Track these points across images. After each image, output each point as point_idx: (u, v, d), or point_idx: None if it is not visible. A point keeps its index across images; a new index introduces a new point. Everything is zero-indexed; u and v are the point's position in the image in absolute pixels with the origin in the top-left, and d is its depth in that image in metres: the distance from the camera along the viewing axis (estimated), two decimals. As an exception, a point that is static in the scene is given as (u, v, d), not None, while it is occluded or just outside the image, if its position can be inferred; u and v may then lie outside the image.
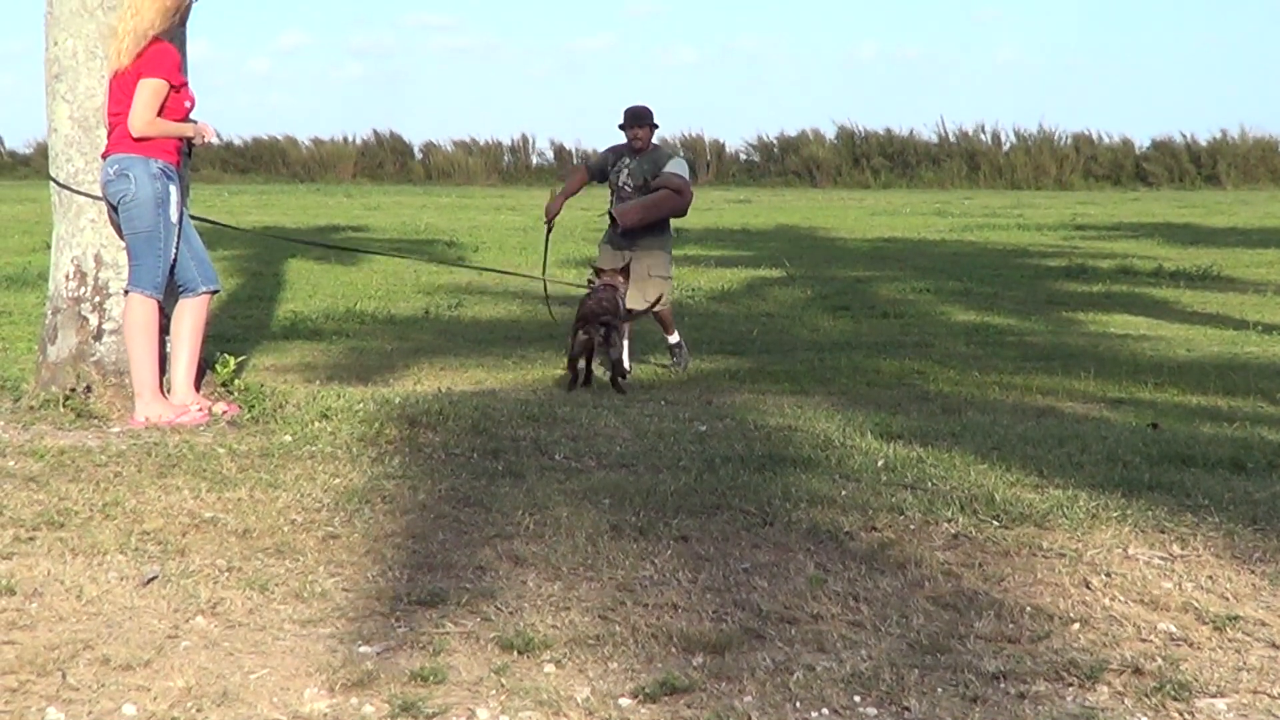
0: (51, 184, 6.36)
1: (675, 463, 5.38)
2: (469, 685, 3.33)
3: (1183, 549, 4.34)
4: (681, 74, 63.63)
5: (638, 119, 9.14)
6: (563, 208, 9.24)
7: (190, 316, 6.19)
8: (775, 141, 42.12)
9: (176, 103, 6.10)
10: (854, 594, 3.91)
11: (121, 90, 6.04)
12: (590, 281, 8.47)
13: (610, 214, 9.10)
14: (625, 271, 8.55)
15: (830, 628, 3.68)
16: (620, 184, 9.13)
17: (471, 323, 11.72)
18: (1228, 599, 3.93)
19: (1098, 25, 65.24)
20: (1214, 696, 3.31)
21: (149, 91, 5.99)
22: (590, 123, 64.14)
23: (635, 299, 8.78)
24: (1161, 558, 4.26)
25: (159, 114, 6.04)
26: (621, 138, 9.18)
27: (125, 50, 5.99)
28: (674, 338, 9.24)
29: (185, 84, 6.16)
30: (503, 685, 3.32)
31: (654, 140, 9.23)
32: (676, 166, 9.10)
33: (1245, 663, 3.51)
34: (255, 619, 3.72)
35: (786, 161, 41.44)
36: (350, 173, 41.58)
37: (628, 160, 9.14)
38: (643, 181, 9.04)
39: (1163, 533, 4.49)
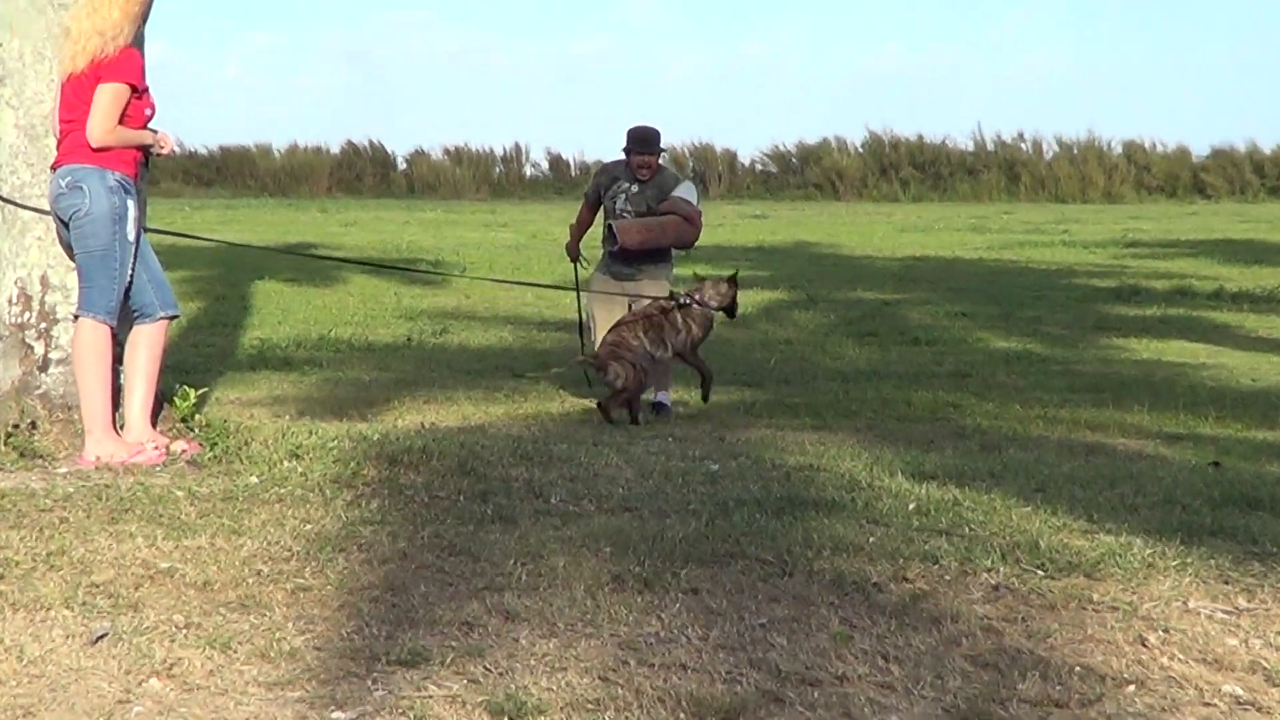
0: (-6, 198, 6.37)
1: (684, 506, 5.37)
2: (454, 755, 3.31)
3: (1249, 601, 4.32)
4: (688, 77, 63.86)
5: (644, 144, 8.84)
6: (580, 246, 9.22)
7: (146, 344, 6.19)
8: (793, 150, 42.26)
9: (137, 110, 6.12)
10: (883, 652, 3.90)
11: (76, 95, 6.05)
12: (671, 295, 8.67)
13: (607, 231, 8.92)
14: (730, 281, 8.66)
15: (857, 690, 3.67)
16: (618, 210, 8.89)
17: (458, 351, 11.73)
18: (1300, 658, 3.91)
19: (1150, 23, 65.46)
20: (1286, 767, 3.29)
21: (110, 97, 6.00)
22: (589, 131, 64.34)
23: None
24: (1225, 611, 4.24)
25: (119, 122, 6.05)
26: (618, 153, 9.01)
27: (83, 53, 6.00)
28: (664, 396, 8.81)
29: (147, 90, 6.17)
30: (492, 755, 3.30)
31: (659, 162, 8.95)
32: (686, 191, 8.84)
33: (1320, 729, 3.49)
34: (216, 681, 3.70)
35: (806, 173, 41.56)
36: (325, 185, 41.71)
37: (626, 184, 8.91)
38: (645, 209, 8.81)
39: (1227, 583, 4.47)
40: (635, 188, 8.86)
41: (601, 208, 9.16)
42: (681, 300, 8.51)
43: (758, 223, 29.27)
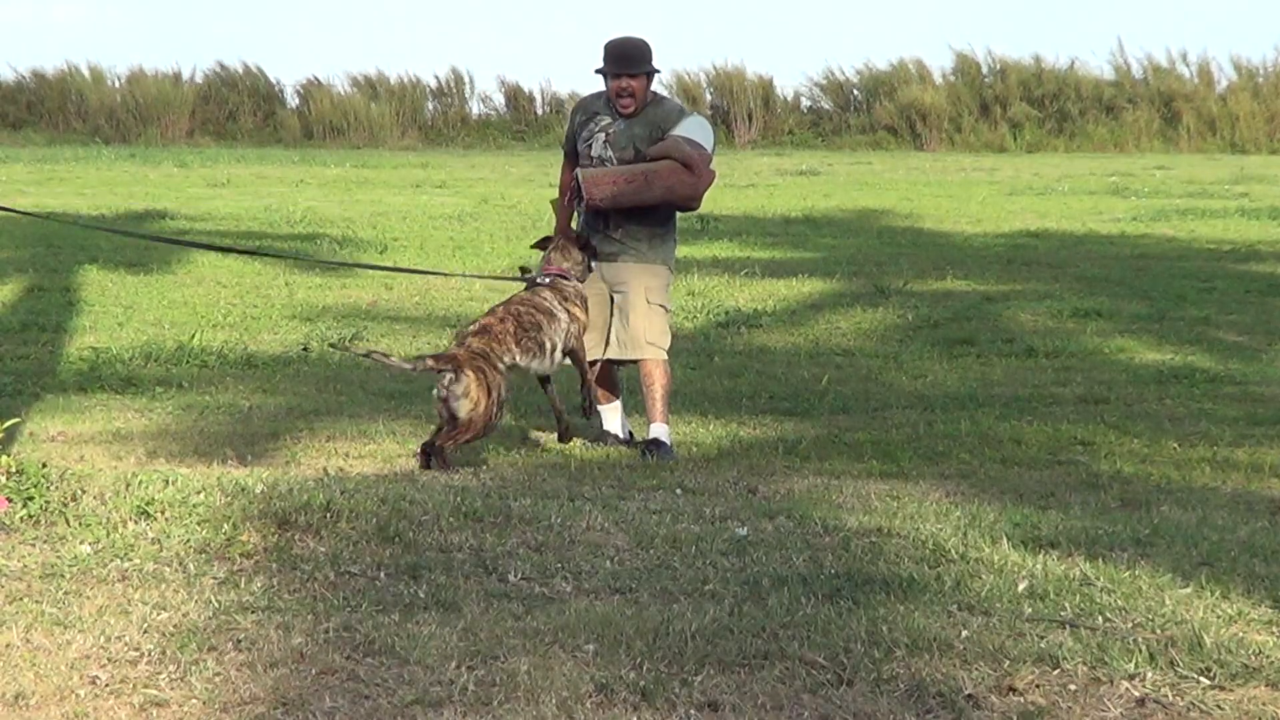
0: None
1: (698, 587, 5.39)
2: None
3: None
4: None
5: (626, 61, 8.77)
6: (571, 220, 9.16)
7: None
8: (856, 79, 42.34)
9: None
10: (981, 793, 3.93)
11: None
12: (523, 272, 8.49)
13: (573, 185, 8.74)
14: (583, 245, 8.67)
15: (943, 847, 3.69)
16: (594, 157, 8.83)
17: (376, 365, 11.72)
18: None
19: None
20: None
21: None
22: (560, 54, 64.19)
23: (615, 343, 8.70)
24: None
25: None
26: (598, 84, 8.95)
27: None
28: (660, 427, 8.77)
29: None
30: None
31: (653, 90, 8.89)
32: (691, 128, 8.76)
33: None
34: (35, 834, 3.73)
35: (874, 111, 41.60)
36: (185, 128, 41.77)
37: (607, 119, 8.87)
38: (634, 155, 8.76)
39: None
40: (621, 124, 8.77)
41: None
42: (541, 280, 8.53)
43: (804, 182, 29.28)
